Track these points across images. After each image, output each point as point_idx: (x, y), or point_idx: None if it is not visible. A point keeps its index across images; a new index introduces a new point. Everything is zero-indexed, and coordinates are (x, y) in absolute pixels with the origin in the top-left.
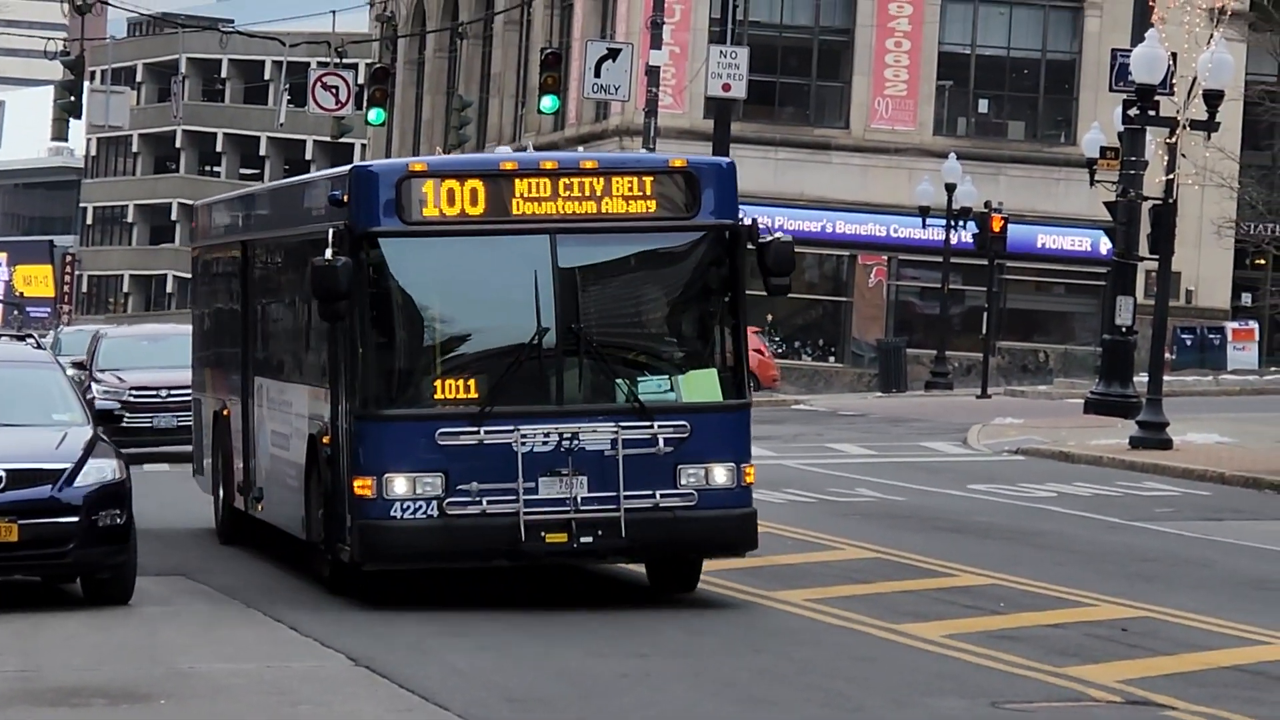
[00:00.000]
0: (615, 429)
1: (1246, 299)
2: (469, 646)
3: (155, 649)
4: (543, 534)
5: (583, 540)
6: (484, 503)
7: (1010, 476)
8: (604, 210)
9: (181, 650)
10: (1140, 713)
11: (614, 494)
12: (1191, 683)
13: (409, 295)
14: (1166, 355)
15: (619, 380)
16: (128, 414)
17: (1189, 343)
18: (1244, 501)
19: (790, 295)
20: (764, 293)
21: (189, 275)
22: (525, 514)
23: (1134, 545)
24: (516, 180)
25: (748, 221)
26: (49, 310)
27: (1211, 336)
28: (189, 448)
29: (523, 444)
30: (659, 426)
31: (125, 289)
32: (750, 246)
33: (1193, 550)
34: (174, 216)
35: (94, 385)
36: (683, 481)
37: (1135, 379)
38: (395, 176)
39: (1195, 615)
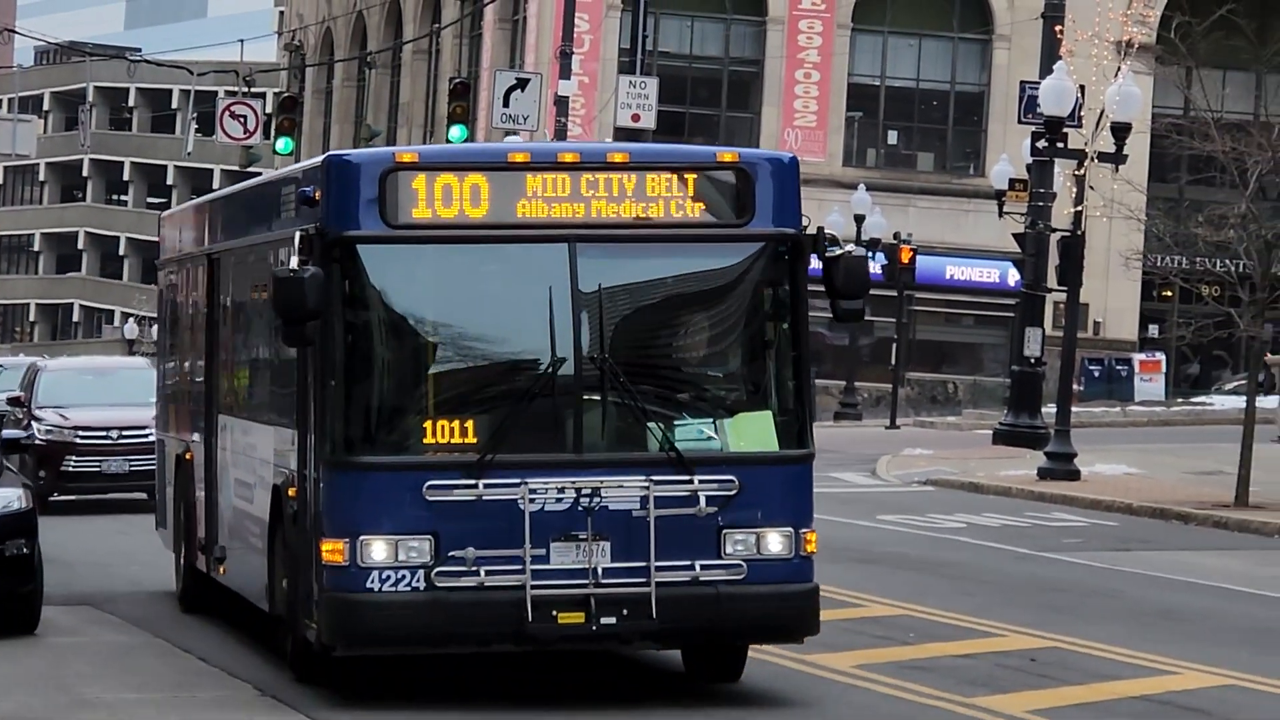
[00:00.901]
0: (646, 484)
1: (1154, 330)
2: None
3: (62, 678)
4: (555, 613)
5: (604, 621)
6: (482, 573)
7: (919, 507)
8: (636, 214)
9: (82, 669)
10: None
11: (644, 564)
12: (1100, 712)
13: (393, 315)
14: (1074, 386)
15: (651, 424)
16: (73, 457)
17: (1097, 374)
18: (1151, 532)
19: None
20: (829, 316)
21: (95, 304)
22: (533, 588)
23: (1042, 575)
24: (529, 176)
25: (813, 230)
26: None
27: (1119, 368)
28: (142, 495)
29: (531, 501)
30: (700, 482)
31: (32, 318)
32: (816, 262)
33: (1100, 580)
34: (80, 245)
35: (34, 424)
36: (728, 550)
37: (1043, 410)
38: (379, 169)
39: (1103, 645)
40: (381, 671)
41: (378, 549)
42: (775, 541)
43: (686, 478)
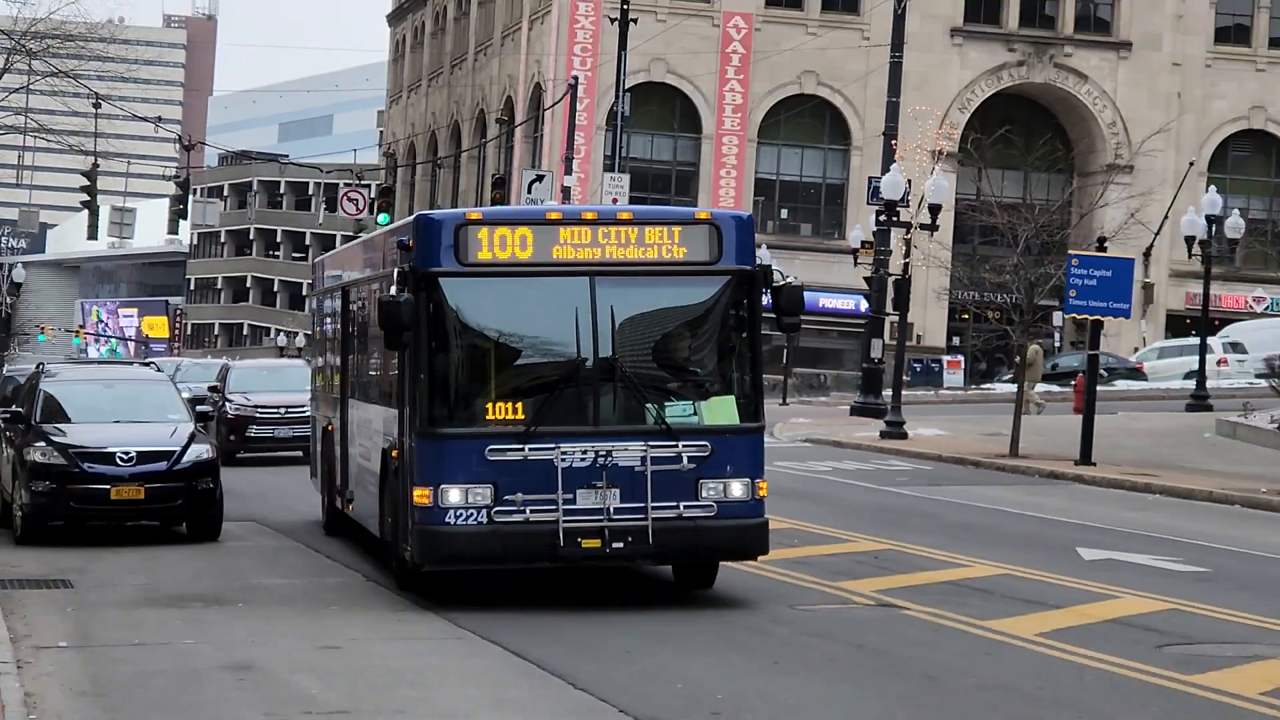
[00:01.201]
0: (644, 448)
1: (956, 340)
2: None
3: (236, 568)
4: (579, 540)
5: (614, 546)
6: (528, 512)
7: (802, 457)
8: (637, 256)
9: (254, 564)
10: (888, 612)
11: (642, 505)
12: (922, 592)
13: (464, 328)
14: (904, 377)
15: (648, 405)
16: (254, 426)
17: (918, 369)
18: (954, 473)
19: None
20: (778, 330)
21: (258, 324)
22: (564, 522)
23: (883, 502)
24: (561, 229)
25: (764, 267)
26: (164, 346)
27: (933, 365)
28: (299, 454)
29: (563, 460)
30: (683, 446)
31: (216, 333)
32: (765, 289)
33: (921, 505)
34: (248, 285)
35: (226, 404)
36: (703, 495)
37: (884, 393)
38: (454, 224)
39: (924, 548)
40: (454, 583)
41: (453, 494)
42: (737, 488)
43: (673, 443)
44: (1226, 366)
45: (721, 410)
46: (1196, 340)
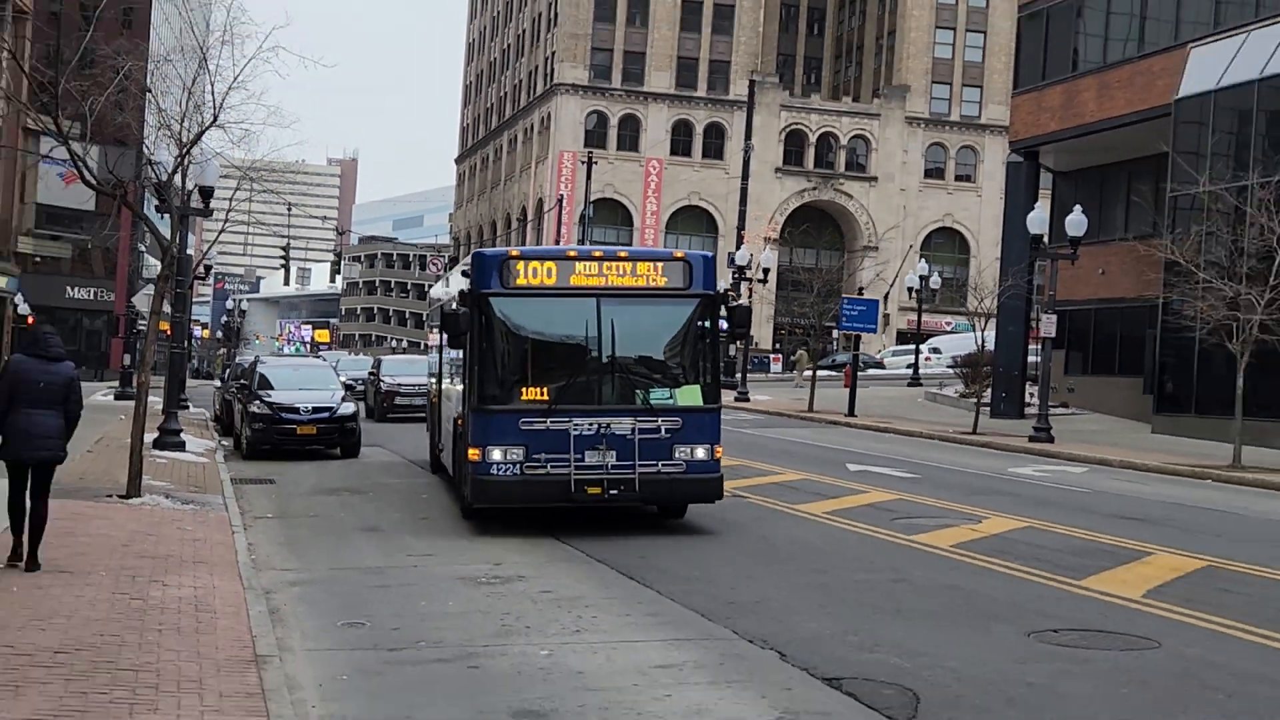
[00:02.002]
0: (634, 422)
1: (777, 345)
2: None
3: (367, 474)
4: (585, 488)
5: (611, 493)
6: (549, 467)
7: None
8: (631, 284)
9: (379, 474)
10: (741, 499)
11: (631, 463)
12: (760, 490)
13: (506, 333)
14: (748, 367)
15: (637, 391)
16: (398, 397)
17: (757, 362)
18: (777, 421)
19: None
20: (732, 340)
21: (386, 334)
22: (575, 475)
23: (738, 439)
24: (576, 263)
25: (722, 293)
26: (326, 348)
27: (764, 360)
28: (423, 417)
29: (575, 430)
30: (662, 421)
31: (356, 340)
32: (724, 308)
33: (759, 440)
34: (375, 311)
35: (381, 383)
36: (676, 456)
37: (736, 375)
38: (500, 258)
39: (763, 464)
40: (495, 518)
41: (496, 453)
42: (700, 452)
43: (654, 419)
44: (930, 362)
45: (690, 395)
46: (913, 346)
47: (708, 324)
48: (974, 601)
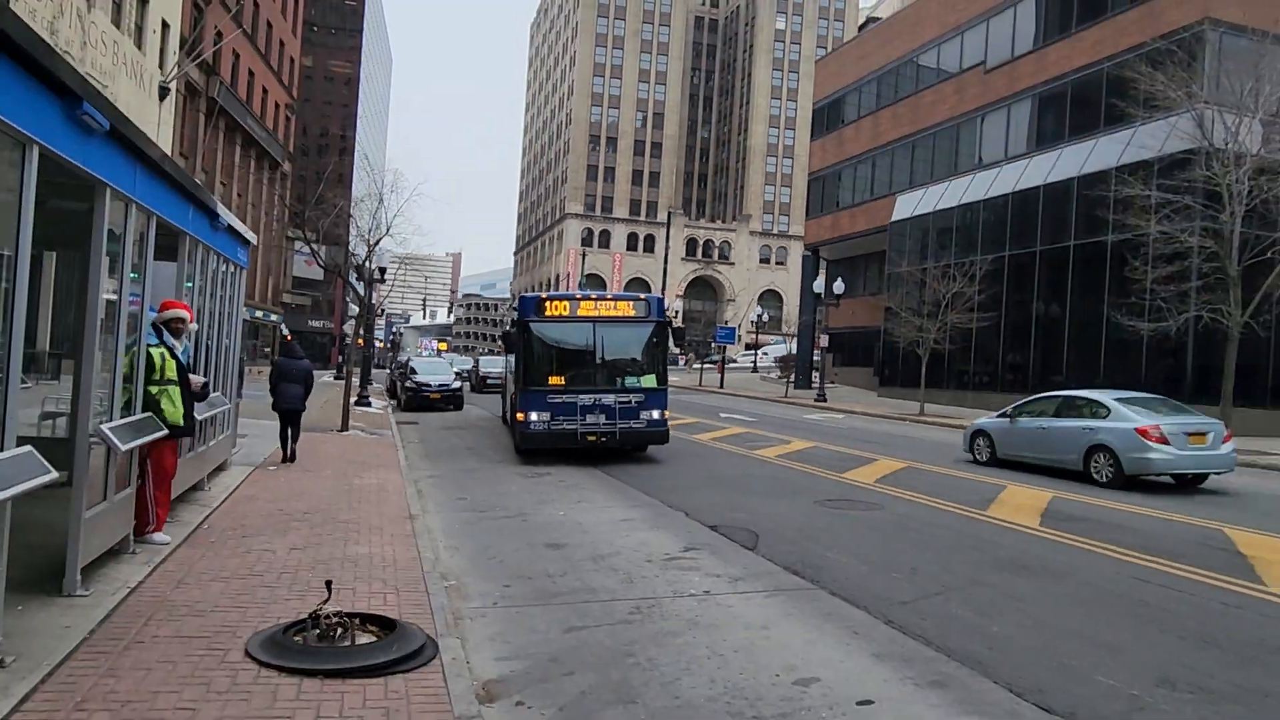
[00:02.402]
0: (616, 397)
1: (679, 351)
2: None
3: (467, 421)
4: (587, 437)
5: (602, 439)
6: (564, 424)
7: None
8: (616, 314)
9: (474, 421)
10: (709, 446)
11: (614, 422)
12: (721, 439)
13: (540, 344)
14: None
15: (618, 378)
16: (489, 380)
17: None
18: (685, 392)
19: None
20: (677, 348)
21: (474, 347)
22: (580, 429)
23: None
24: (583, 302)
25: (670, 319)
26: (446, 353)
27: (673, 358)
28: (499, 394)
29: (581, 401)
30: (633, 396)
31: (463, 350)
32: (670, 329)
33: (675, 401)
34: (472, 334)
35: (479, 371)
36: (641, 416)
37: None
38: (536, 299)
39: (679, 415)
40: (534, 456)
41: (533, 416)
42: (656, 414)
43: (629, 395)
44: (763, 359)
45: (650, 381)
46: (754, 351)
47: (661, 339)
48: (785, 485)
